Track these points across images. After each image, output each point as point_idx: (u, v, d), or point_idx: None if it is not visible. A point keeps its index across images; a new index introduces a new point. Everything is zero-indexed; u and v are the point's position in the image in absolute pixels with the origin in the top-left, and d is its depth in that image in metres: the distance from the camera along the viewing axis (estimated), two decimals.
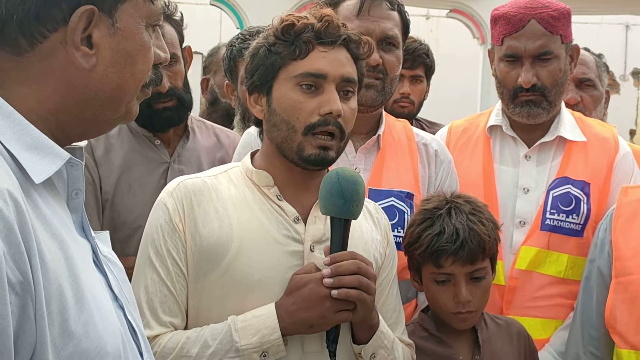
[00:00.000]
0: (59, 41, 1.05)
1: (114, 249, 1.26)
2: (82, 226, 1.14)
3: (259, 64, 1.76)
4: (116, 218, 2.37)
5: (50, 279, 0.97)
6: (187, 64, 2.54)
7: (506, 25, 2.34)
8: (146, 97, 1.17)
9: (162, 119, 2.40)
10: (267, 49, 1.75)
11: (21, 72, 1.05)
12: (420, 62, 3.63)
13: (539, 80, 2.33)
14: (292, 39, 1.73)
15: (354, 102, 1.78)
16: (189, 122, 2.53)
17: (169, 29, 2.39)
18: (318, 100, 1.72)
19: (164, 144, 2.48)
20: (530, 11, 2.32)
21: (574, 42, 2.43)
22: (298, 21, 1.74)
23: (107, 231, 1.27)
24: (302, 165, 1.76)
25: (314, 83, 1.72)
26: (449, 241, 1.94)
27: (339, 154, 1.77)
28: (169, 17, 2.42)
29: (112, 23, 1.07)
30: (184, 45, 2.51)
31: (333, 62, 1.73)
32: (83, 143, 1.15)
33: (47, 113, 1.07)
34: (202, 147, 2.54)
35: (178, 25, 2.46)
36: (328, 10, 1.78)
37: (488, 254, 2.00)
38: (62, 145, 1.08)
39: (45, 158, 1.03)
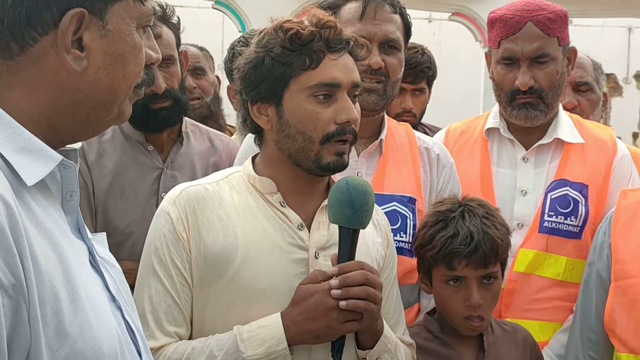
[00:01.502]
0: (49, 44, 1.05)
1: None
2: (78, 228, 1.14)
3: (265, 75, 1.71)
4: (109, 223, 2.35)
5: (44, 280, 0.97)
6: (183, 68, 2.55)
7: (503, 27, 2.33)
8: (138, 98, 1.17)
9: (158, 119, 2.40)
10: (273, 59, 1.69)
11: (12, 75, 1.05)
12: (423, 76, 3.60)
13: (536, 83, 2.32)
14: (299, 49, 1.69)
15: (358, 104, 1.78)
16: (183, 126, 2.53)
17: (166, 31, 2.41)
18: (333, 109, 1.70)
19: (157, 150, 2.47)
20: (526, 14, 2.31)
21: (572, 44, 2.42)
22: (302, 29, 1.69)
23: (104, 233, 1.27)
24: (318, 173, 1.75)
25: (329, 92, 1.70)
26: (463, 244, 1.94)
27: (349, 156, 1.77)
28: (166, 19, 2.43)
29: (102, 25, 1.07)
30: (181, 48, 2.52)
31: (344, 69, 1.71)
32: (77, 145, 1.15)
33: (39, 116, 1.07)
34: (195, 152, 2.53)
35: (175, 28, 2.47)
36: (326, 15, 1.75)
37: (500, 258, 2.00)
38: (55, 148, 1.08)
39: (37, 160, 1.03)
